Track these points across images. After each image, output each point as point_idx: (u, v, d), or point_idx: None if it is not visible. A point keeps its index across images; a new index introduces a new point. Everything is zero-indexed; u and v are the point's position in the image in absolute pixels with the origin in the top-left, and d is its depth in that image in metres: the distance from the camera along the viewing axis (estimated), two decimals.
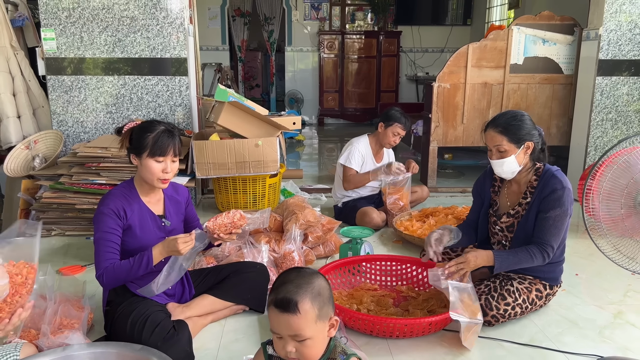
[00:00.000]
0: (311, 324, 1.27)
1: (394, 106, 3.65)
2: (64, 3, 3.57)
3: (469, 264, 2.05)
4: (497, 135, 2.14)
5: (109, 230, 1.98)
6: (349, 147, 3.44)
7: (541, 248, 2.10)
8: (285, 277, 1.33)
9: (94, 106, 3.74)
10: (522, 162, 2.17)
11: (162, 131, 2.01)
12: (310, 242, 2.82)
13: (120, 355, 1.68)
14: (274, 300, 1.28)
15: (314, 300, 1.28)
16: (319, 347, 1.32)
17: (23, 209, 3.41)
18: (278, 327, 1.28)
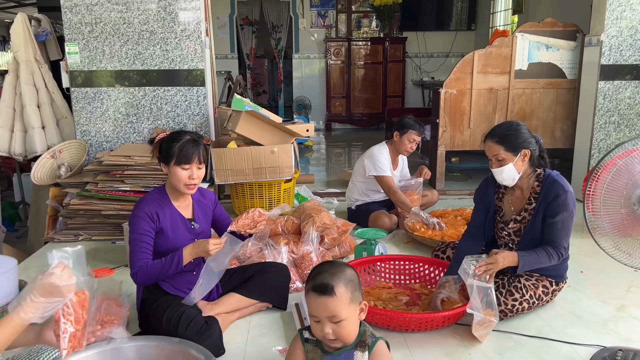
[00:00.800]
0: (345, 306, 1.45)
1: (401, 111, 3.80)
2: (87, 19, 3.75)
3: (498, 265, 2.15)
4: (495, 145, 2.29)
5: (143, 232, 2.13)
6: (373, 158, 3.50)
7: (556, 249, 2.24)
8: (320, 268, 1.52)
9: (115, 116, 3.90)
10: (520, 169, 2.31)
11: (187, 140, 2.16)
12: (326, 243, 2.97)
13: (159, 347, 1.83)
14: (312, 287, 1.46)
15: (347, 285, 1.46)
16: (352, 328, 1.49)
17: (51, 216, 3.58)
18: (317, 310, 1.45)
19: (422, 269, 2.69)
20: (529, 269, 2.23)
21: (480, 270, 2.10)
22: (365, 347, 1.51)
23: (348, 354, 1.52)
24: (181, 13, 3.80)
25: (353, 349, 1.52)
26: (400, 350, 2.08)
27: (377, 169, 3.49)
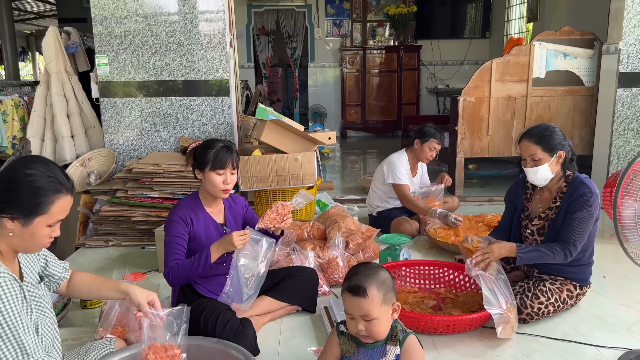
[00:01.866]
0: (377, 307, 1.54)
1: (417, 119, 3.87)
2: (117, 31, 3.87)
3: (493, 254, 2.24)
4: (532, 145, 2.35)
5: (177, 235, 2.23)
6: (391, 166, 3.59)
7: (564, 246, 2.28)
8: (356, 270, 1.62)
9: (142, 125, 4.02)
10: (554, 170, 2.37)
11: (221, 147, 2.26)
12: (351, 248, 3.04)
13: (199, 347, 1.92)
14: (347, 287, 1.57)
15: (379, 287, 1.55)
16: (383, 326, 1.59)
17: (82, 222, 3.69)
18: (351, 308, 1.56)
19: (446, 274, 2.74)
20: (529, 261, 2.31)
21: (478, 260, 2.18)
22: (396, 342, 1.60)
23: (381, 348, 1.61)
24: (206, 25, 3.91)
25: (385, 344, 1.61)
26: (430, 352, 2.14)
27: (394, 176, 3.57)
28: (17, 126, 4.25)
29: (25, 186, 1.40)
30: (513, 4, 8.14)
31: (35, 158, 1.51)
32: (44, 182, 1.42)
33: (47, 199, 1.42)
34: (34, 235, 1.44)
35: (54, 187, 1.43)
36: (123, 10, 3.85)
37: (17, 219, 1.40)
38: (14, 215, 1.40)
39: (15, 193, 1.39)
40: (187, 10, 3.88)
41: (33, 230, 1.43)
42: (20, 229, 1.41)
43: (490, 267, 2.23)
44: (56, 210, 1.45)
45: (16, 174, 1.42)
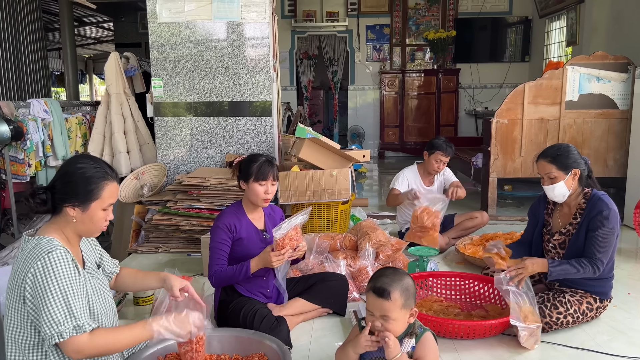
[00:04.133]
0: (397, 309, 1.70)
1: (453, 140, 4.02)
2: (171, 56, 4.25)
3: (527, 269, 2.36)
4: (547, 164, 2.50)
5: (221, 241, 2.48)
6: (397, 174, 3.90)
7: (592, 262, 2.40)
8: (383, 272, 1.78)
9: (192, 143, 4.36)
10: (570, 186, 2.50)
11: (264, 161, 2.52)
12: (381, 259, 3.22)
13: (238, 337, 2.15)
14: (372, 287, 1.73)
15: (402, 293, 1.71)
16: (399, 327, 1.75)
17: (134, 230, 4.02)
18: (373, 307, 1.72)
19: (472, 285, 2.88)
20: (560, 277, 2.41)
21: (512, 275, 2.30)
22: (413, 335, 1.76)
23: (399, 341, 1.76)
24: (252, 51, 4.24)
25: (402, 338, 1.77)
26: (450, 354, 2.29)
27: (393, 182, 3.86)
28: (80, 142, 4.68)
29: (79, 177, 1.67)
30: (553, 29, 8.21)
31: (82, 155, 1.81)
32: (92, 172, 1.68)
33: (97, 185, 1.68)
34: (93, 218, 1.69)
35: (101, 175, 1.69)
36: (177, 37, 4.23)
37: (77, 206, 1.66)
38: (74, 203, 1.66)
39: (72, 184, 1.66)
40: (235, 38, 4.22)
41: (91, 215, 1.68)
42: (81, 215, 1.68)
43: (523, 282, 2.36)
44: (106, 195, 1.70)
45: (70, 169, 1.70)
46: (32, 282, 1.55)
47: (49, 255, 1.56)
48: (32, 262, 1.56)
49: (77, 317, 1.56)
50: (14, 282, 1.61)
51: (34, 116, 4.08)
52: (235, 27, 4.22)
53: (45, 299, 1.53)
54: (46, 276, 1.54)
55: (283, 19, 9.02)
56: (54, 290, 1.54)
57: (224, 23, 4.21)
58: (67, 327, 1.54)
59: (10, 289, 1.64)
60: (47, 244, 1.60)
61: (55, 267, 1.56)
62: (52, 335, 1.53)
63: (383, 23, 9.25)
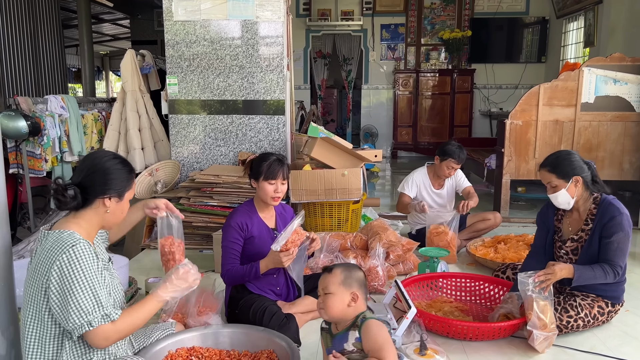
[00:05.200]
0: (336, 284, 1.77)
1: (467, 140, 3.99)
2: (186, 54, 4.29)
3: (555, 275, 2.34)
4: (547, 174, 2.50)
5: (233, 240, 2.51)
6: (407, 177, 3.89)
7: (613, 268, 2.38)
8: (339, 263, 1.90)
9: (205, 140, 4.40)
10: (574, 193, 2.48)
11: (274, 160, 2.54)
12: (391, 259, 3.22)
13: (248, 334, 2.18)
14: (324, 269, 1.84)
15: (343, 271, 1.79)
16: (337, 303, 1.76)
17: (148, 226, 4.07)
18: (320, 285, 1.81)
19: (482, 287, 2.88)
20: (584, 282, 2.38)
21: (540, 279, 2.28)
22: (356, 327, 1.75)
23: (344, 335, 1.77)
24: (266, 49, 4.26)
25: (347, 331, 1.77)
26: (458, 355, 2.29)
27: (402, 186, 3.85)
28: (95, 138, 4.74)
29: (117, 172, 1.78)
30: (570, 29, 8.12)
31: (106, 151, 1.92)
32: (126, 166, 1.83)
33: (129, 177, 1.83)
34: (123, 208, 1.83)
35: (130, 169, 1.85)
36: (192, 36, 4.26)
37: (114, 197, 1.78)
38: (112, 195, 1.77)
39: (112, 178, 1.77)
40: (249, 36, 4.25)
41: (123, 204, 1.82)
42: (115, 205, 1.79)
43: (549, 288, 2.32)
44: (133, 185, 1.87)
45: (106, 165, 1.78)
46: (58, 275, 1.60)
47: (73, 249, 1.62)
48: (56, 255, 1.61)
49: (105, 307, 1.63)
50: (36, 275, 1.66)
51: (51, 112, 4.14)
52: (250, 26, 4.24)
53: (73, 290, 1.59)
54: (73, 269, 1.61)
55: (298, 17, 9.04)
56: (81, 281, 1.61)
57: (238, 22, 4.24)
58: (95, 316, 1.60)
59: (30, 282, 1.68)
60: (69, 237, 1.65)
61: (80, 259, 1.62)
62: (81, 325, 1.59)
63: (398, 22, 9.23)
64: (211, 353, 2.09)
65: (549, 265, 2.37)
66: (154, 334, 2.10)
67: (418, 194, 3.84)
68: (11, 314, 1.92)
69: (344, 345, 1.76)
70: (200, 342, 2.14)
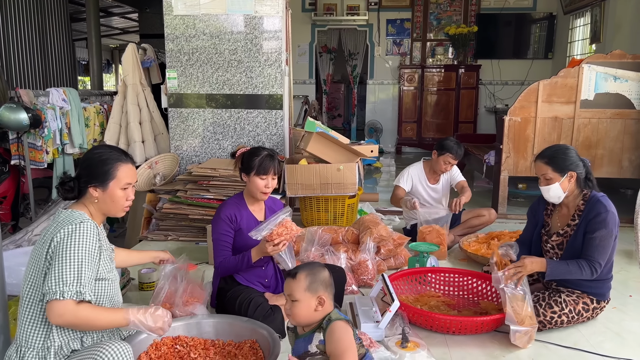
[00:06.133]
0: (301, 290, 1.71)
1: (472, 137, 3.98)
2: (185, 48, 4.33)
3: (526, 268, 2.37)
4: (543, 166, 2.50)
5: (224, 232, 2.55)
6: (403, 171, 3.90)
7: (590, 264, 2.39)
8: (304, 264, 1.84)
9: (204, 134, 4.44)
10: (566, 188, 2.49)
11: (266, 155, 2.56)
12: (382, 254, 3.25)
13: (232, 324, 2.22)
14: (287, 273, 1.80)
15: (307, 275, 1.74)
16: (303, 311, 1.72)
17: (146, 217, 4.13)
18: (285, 289, 1.78)
19: (469, 282, 2.89)
20: (558, 276, 2.40)
21: (510, 274, 2.31)
22: (321, 330, 1.72)
23: (309, 337, 1.74)
24: (265, 44, 4.29)
25: (313, 333, 1.74)
26: (440, 348, 2.32)
27: (397, 179, 3.87)
28: (97, 130, 4.81)
29: (96, 161, 1.86)
30: (577, 25, 8.05)
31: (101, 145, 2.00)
32: (107, 155, 1.87)
33: (112, 166, 1.85)
34: (113, 197, 1.86)
35: (115, 157, 1.87)
36: (192, 30, 4.31)
37: (97, 186, 1.84)
38: (95, 184, 1.84)
39: (91, 168, 1.86)
40: (248, 31, 4.28)
41: (111, 194, 1.85)
42: (102, 195, 1.85)
43: (521, 282, 2.36)
44: (122, 174, 1.86)
45: (89, 156, 1.91)
46: (57, 241, 1.71)
47: (80, 225, 1.74)
48: (63, 226, 1.74)
49: (83, 285, 1.69)
50: (41, 244, 1.76)
51: (52, 105, 4.21)
52: (249, 21, 4.27)
53: (63, 258, 1.68)
54: (71, 240, 1.71)
55: (303, 12, 9.06)
56: (73, 253, 1.70)
57: (237, 16, 4.27)
58: (70, 289, 1.66)
59: (34, 255, 1.78)
60: (80, 216, 1.78)
61: (81, 235, 1.73)
62: (54, 292, 1.65)
63: (404, 17, 9.20)
64: (196, 342, 2.14)
65: (520, 259, 2.40)
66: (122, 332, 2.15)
67: (413, 187, 3.86)
68: (0, 301, 1.97)
69: (308, 347, 1.74)
70: (186, 332, 2.18)
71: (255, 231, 2.32)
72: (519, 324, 2.29)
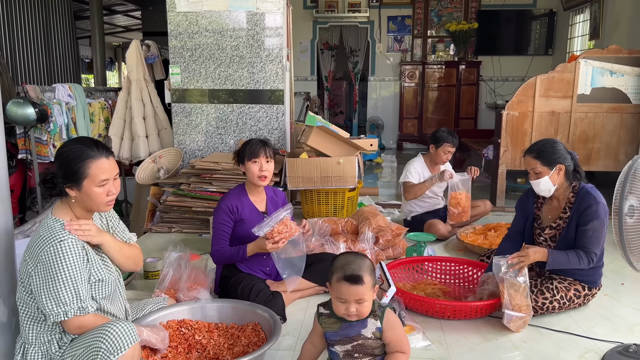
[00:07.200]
0: (369, 291, 1.75)
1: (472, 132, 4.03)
2: (188, 45, 4.41)
3: (529, 257, 2.43)
4: (532, 160, 2.57)
5: (223, 222, 2.64)
6: (406, 167, 3.93)
7: (587, 254, 2.47)
8: (347, 259, 1.79)
9: (207, 129, 4.53)
10: (556, 181, 2.56)
11: (256, 141, 2.67)
12: (381, 244, 3.33)
13: (235, 307, 2.31)
14: (344, 276, 1.72)
15: (370, 275, 1.76)
16: (369, 306, 1.78)
17: (150, 210, 4.22)
18: (348, 295, 1.72)
19: (465, 270, 2.97)
20: (558, 266, 2.47)
21: (513, 262, 2.38)
22: (376, 317, 1.78)
23: (363, 322, 1.77)
24: (267, 40, 4.37)
25: (367, 318, 1.78)
26: (435, 332, 2.40)
27: (404, 175, 3.89)
28: (102, 125, 4.90)
29: (64, 160, 1.78)
30: (577, 22, 8.10)
31: (72, 139, 1.91)
32: (75, 153, 1.77)
33: (82, 164, 1.76)
34: (90, 195, 1.78)
35: (85, 154, 1.77)
36: (195, 26, 4.39)
37: (71, 186, 1.77)
38: (69, 185, 1.77)
39: (63, 167, 1.78)
40: (249, 27, 4.36)
41: (87, 192, 1.78)
42: (79, 194, 1.78)
43: (523, 270, 2.42)
44: (94, 172, 1.76)
45: (59, 154, 1.82)
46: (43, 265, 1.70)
47: (60, 245, 1.71)
48: (45, 245, 1.71)
49: (83, 299, 1.73)
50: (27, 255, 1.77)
51: (58, 100, 4.30)
52: (251, 17, 4.35)
53: (55, 280, 1.69)
54: (57, 262, 1.69)
55: (305, 9, 9.13)
56: (63, 274, 1.69)
57: (239, 13, 4.35)
58: (72, 307, 1.70)
59: (23, 261, 1.80)
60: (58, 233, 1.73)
61: (64, 254, 1.71)
62: (57, 314, 1.69)
63: (405, 14, 9.26)
64: (200, 325, 2.22)
65: (523, 248, 2.47)
66: (147, 306, 2.23)
67: (420, 180, 3.92)
68: (12, 284, 2.06)
69: (362, 330, 1.77)
70: (190, 315, 2.27)
71: (257, 227, 2.40)
72: (515, 310, 2.37)
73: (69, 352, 1.76)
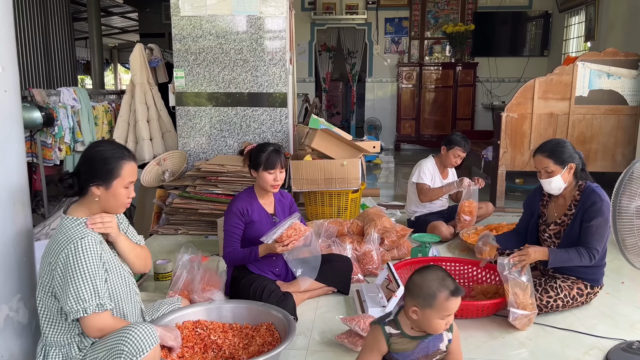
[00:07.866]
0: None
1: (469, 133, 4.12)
2: (192, 48, 4.46)
3: (529, 256, 2.50)
4: (545, 159, 2.63)
5: (234, 225, 2.69)
6: (419, 167, 3.98)
7: (588, 250, 2.53)
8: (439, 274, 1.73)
9: (211, 131, 4.58)
10: (566, 180, 2.64)
11: (272, 151, 2.71)
12: (386, 245, 3.39)
13: (249, 308, 2.37)
14: (452, 292, 1.68)
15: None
16: None
17: (156, 212, 4.26)
18: (455, 308, 1.70)
19: (470, 270, 3.04)
20: (559, 264, 2.54)
21: (515, 260, 2.45)
22: (449, 329, 1.81)
23: (440, 335, 1.78)
24: (270, 44, 4.43)
25: None
26: None
27: (418, 176, 3.94)
28: (106, 129, 4.94)
29: (99, 159, 1.84)
30: (572, 23, 8.20)
31: (101, 140, 2.02)
32: (110, 153, 1.86)
33: (116, 165, 1.85)
34: (116, 195, 1.87)
35: (119, 156, 1.86)
36: (199, 30, 4.43)
37: (100, 185, 1.84)
38: (98, 183, 1.84)
39: (94, 166, 1.83)
40: (253, 31, 4.41)
41: (114, 192, 1.86)
42: (105, 193, 1.85)
43: (525, 269, 2.49)
44: (126, 173, 1.87)
45: (91, 153, 1.88)
46: (63, 263, 1.76)
47: (81, 241, 1.77)
48: (66, 244, 1.77)
49: (101, 297, 1.78)
50: (48, 256, 1.82)
51: (63, 104, 4.33)
52: (254, 21, 4.40)
53: (75, 278, 1.74)
54: (77, 259, 1.75)
55: (303, 11, 9.17)
56: (82, 272, 1.75)
57: (243, 17, 4.40)
58: (91, 304, 1.75)
59: (43, 263, 1.85)
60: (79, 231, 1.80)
61: (85, 252, 1.77)
62: (77, 310, 1.74)
63: (402, 16, 9.33)
64: (215, 325, 2.28)
65: (524, 248, 2.54)
66: (161, 307, 2.28)
67: (432, 181, 3.99)
68: (32, 285, 2.11)
69: (439, 345, 1.79)
70: (205, 316, 2.33)
71: (266, 236, 2.48)
72: (520, 308, 2.44)
73: (91, 354, 1.81)
